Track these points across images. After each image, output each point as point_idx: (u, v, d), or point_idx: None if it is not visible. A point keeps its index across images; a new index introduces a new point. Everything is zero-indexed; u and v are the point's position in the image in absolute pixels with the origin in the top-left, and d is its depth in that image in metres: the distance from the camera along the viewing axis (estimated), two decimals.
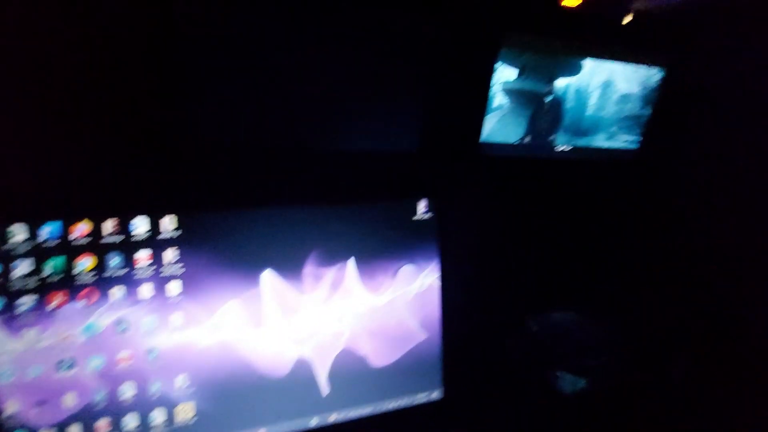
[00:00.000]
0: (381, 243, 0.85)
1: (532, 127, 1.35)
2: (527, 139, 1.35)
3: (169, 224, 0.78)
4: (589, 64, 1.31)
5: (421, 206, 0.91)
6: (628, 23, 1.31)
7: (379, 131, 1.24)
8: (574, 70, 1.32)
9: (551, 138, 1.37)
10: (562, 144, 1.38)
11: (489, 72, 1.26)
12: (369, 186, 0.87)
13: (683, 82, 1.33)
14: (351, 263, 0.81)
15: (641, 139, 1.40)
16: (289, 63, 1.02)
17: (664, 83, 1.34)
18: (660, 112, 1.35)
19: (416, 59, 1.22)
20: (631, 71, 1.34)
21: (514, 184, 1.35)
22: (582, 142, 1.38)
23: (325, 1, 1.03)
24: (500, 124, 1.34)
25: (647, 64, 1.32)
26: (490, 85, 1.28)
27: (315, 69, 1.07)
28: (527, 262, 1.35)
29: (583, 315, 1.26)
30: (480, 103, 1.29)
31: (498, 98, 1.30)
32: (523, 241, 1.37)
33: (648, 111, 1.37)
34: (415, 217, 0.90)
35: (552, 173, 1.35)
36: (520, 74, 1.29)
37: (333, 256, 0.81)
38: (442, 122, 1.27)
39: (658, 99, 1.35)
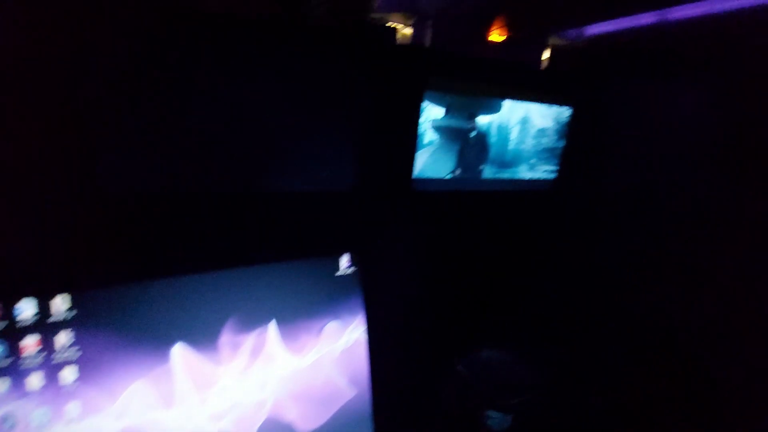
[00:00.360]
0: (303, 302, 0.82)
1: (462, 161, 1.41)
2: (458, 172, 1.41)
3: (60, 305, 0.70)
4: (507, 103, 1.41)
5: (344, 261, 0.90)
6: (538, 70, 1.43)
7: (312, 172, 1.23)
8: (495, 108, 1.41)
9: (479, 170, 1.45)
10: (489, 176, 1.46)
11: (417, 112, 1.31)
12: (288, 244, 0.85)
13: (589, 117, 1.48)
14: (272, 326, 0.78)
15: (558, 168, 1.52)
16: (213, 103, 0.99)
17: (573, 119, 1.47)
18: (572, 144, 1.49)
19: (347, 101, 1.24)
20: (545, 108, 1.46)
21: (439, 224, 1.39)
22: (507, 173, 1.47)
23: (252, 44, 1.01)
24: (432, 159, 1.38)
25: (557, 103, 1.45)
26: (419, 123, 1.32)
27: (245, 110, 1.05)
28: (454, 303, 1.40)
29: (510, 352, 1.32)
30: (410, 141, 1.33)
31: (428, 135, 1.35)
32: (449, 283, 1.42)
33: (562, 143, 1.50)
34: (338, 273, 0.88)
35: (479, 209, 1.42)
36: (446, 112, 1.36)
37: (252, 321, 0.77)
38: (374, 161, 1.29)
39: (570, 133, 1.48)
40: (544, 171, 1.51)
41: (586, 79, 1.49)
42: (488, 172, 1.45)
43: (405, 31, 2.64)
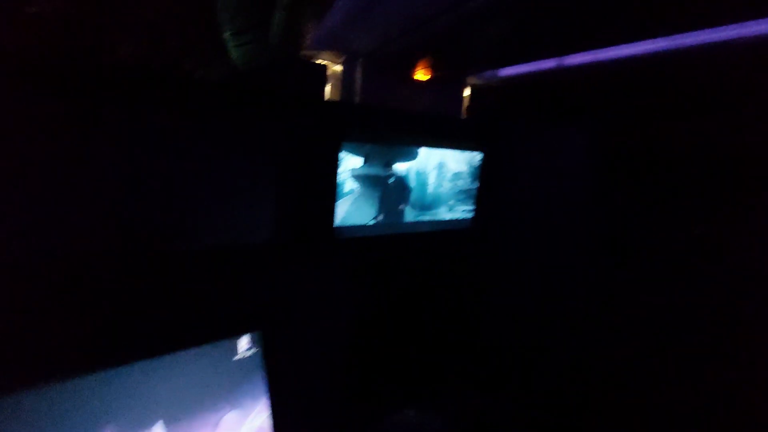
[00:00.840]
0: (196, 395, 0.74)
1: (383, 207, 1.46)
2: (380, 218, 1.46)
3: None
4: (423, 150, 1.49)
5: (243, 343, 0.85)
6: (450, 119, 1.54)
7: (226, 226, 1.20)
8: (412, 155, 1.49)
9: (401, 215, 1.50)
10: (411, 219, 1.52)
11: (335, 162, 1.34)
12: (179, 329, 0.78)
13: (498, 161, 1.61)
14: (158, 429, 0.73)
15: (475, 208, 1.63)
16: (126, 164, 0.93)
17: (484, 162, 1.59)
18: (485, 186, 1.60)
19: (264, 154, 1.23)
20: (459, 154, 1.56)
21: (359, 278, 1.39)
22: (427, 215, 1.55)
23: (156, 97, 0.98)
24: (354, 207, 1.42)
25: (469, 149, 1.57)
26: (338, 173, 1.35)
27: (149, 164, 1.00)
28: (373, 364, 1.40)
29: (427, 411, 1.30)
30: (330, 191, 1.35)
31: (348, 184, 1.38)
32: (367, 343, 1.42)
33: (476, 185, 1.61)
34: (237, 357, 0.81)
35: (402, 253, 1.47)
36: (365, 161, 1.40)
37: (135, 424, 0.71)
38: (295, 212, 1.29)
39: (482, 175, 1.60)
40: (462, 211, 1.61)
41: (493, 126, 1.63)
42: (410, 215, 1.51)
43: (335, 68, 2.71)
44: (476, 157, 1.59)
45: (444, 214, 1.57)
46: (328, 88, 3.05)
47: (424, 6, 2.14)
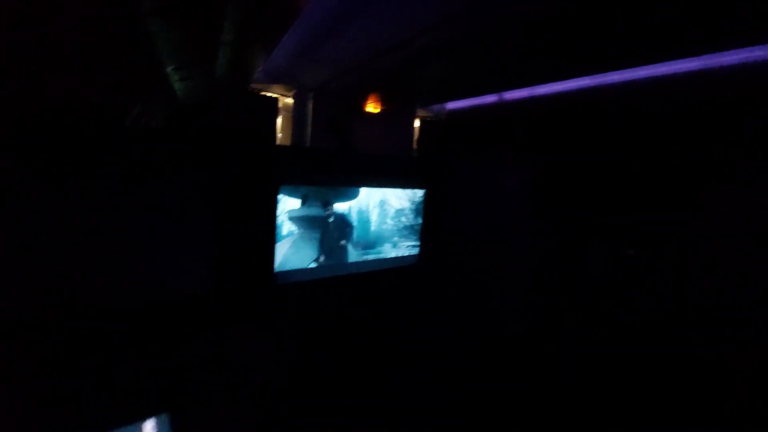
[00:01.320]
0: None
1: (324, 248, 1.43)
2: (321, 259, 1.43)
3: None
4: (364, 189, 1.49)
5: (148, 429, 0.75)
6: (390, 159, 1.56)
7: (169, 277, 1.12)
8: (353, 194, 1.49)
9: (343, 255, 1.48)
10: (355, 258, 1.50)
11: (273, 205, 1.31)
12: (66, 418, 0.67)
13: (441, 196, 1.65)
14: None
15: (420, 244, 1.64)
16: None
17: (427, 199, 1.62)
18: (429, 221, 1.63)
19: (200, 202, 1.18)
20: (400, 191, 1.58)
21: (302, 335, 1.34)
22: (372, 254, 1.53)
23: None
24: (293, 249, 1.38)
25: (411, 187, 1.59)
26: (276, 216, 1.32)
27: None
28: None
29: None
30: (268, 235, 1.31)
31: (286, 226, 1.35)
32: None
33: (420, 221, 1.63)
34: None
35: (347, 299, 1.44)
36: (303, 202, 1.38)
37: None
38: (233, 259, 1.23)
39: (426, 211, 1.62)
40: (407, 247, 1.62)
41: (435, 163, 1.67)
42: (353, 255, 1.49)
43: (287, 100, 2.71)
44: (418, 192, 1.62)
45: (389, 251, 1.57)
46: (279, 120, 3.04)
47: (369, 45, 2.22)
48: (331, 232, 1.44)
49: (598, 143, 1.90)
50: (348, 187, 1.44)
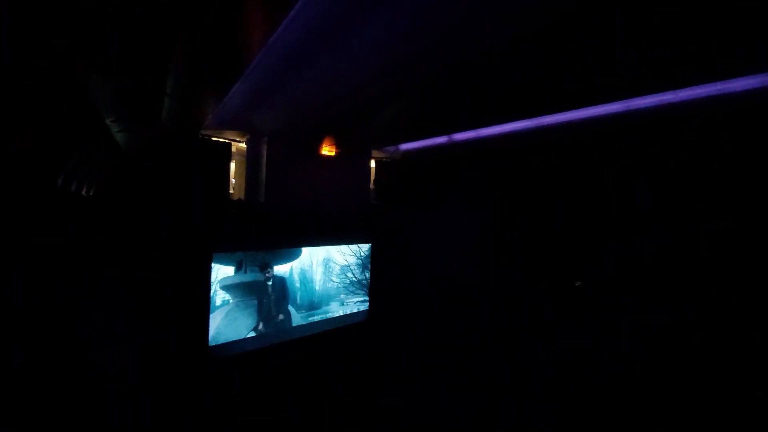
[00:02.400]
0: None
1: (263, 315, 1.36)
2: (260, 327, 1.34)
3: None
4: (306, 248, 1.44)
5: None
6: (331, 217, 1.52)
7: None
8: (294, 255, 1.43)
9: (285, 320, 1.40)
10: (299, 321, 1.43)
11: (206, 276, 1.23)
12: None
13: (388, 248, 1.62)
14: None
15: (369, 299, 1.59)
16: None
17: (374, 252, 1.58)
18: (377, 275, 1.58)
19: (124, 277, 1.10)
20: (345, 247, 1.54)
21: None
22: (318, 315, 1.47)
23: None
24: (227, 320, 1.29)
25: (356, 242, 1.56)
26: (210, 286, 1.24)
27: None
28: None
29: None
30: (201, 308, 1.22)
31: (220, 296, 1.27)
32: None
33: (367, 275, 1.59)
34: None
35: (292, 364, 1.35)
36: (237, 269, 1.31)
37: None
38: (163, 338, 1.14)
39: (373, 265, 1.58)
40: (356, 303, 1.56)
41: (379, 216, 1.64)
42: (297, 318, 1.42)
43: (240, 145, 2.67)
44: (364, 247, 1.58)
45: (336, 310, 1.51)
46: (233, 165, 2.98)
47: (319, 93, 2.23)
48: (270, 297, 1.37)
49: (537, 181, 1.95)
50: (290, 247, 1.39)
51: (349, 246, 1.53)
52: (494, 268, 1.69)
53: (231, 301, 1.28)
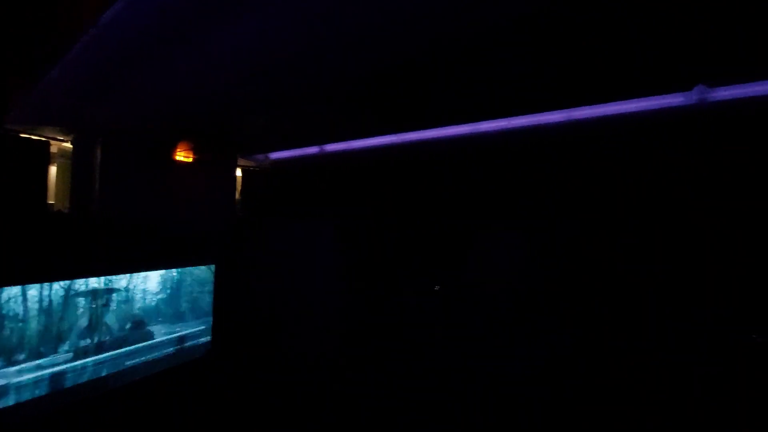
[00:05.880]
0: None
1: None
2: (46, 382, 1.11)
3: None
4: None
5: None
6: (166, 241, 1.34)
7: None
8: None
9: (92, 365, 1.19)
10: (112, 369, 1.22)
11: None
12: None
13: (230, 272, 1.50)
14: None
15: (213, 323, 1.47)
16: None
17: (217, 275, 1.47)
18: (222, 299, 1.47)
19: None
20: (166, 272, 1.38)
21: None
22: (141, 353, 1.28)
23: None
24: None
25: (195, 265, 1.42)
26: None
27: None
28: None
29: None
30: None
31: None
32: None
33: (210, 298, 1.46)
34: None
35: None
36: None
37: None
38: None
39: (217, 290, 1.46)
40: (196, 329, 1.42)
41: (226, 235, 1.53)
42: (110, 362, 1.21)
43: (65, 145, 2.19)
44: (205, 271, 1.45)
45: (165, 348, 1.34)
46: (53, 169, 2.43)
47: (168, 91, 1.96)
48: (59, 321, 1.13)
49: (400, 195, 2.10)
50: (121, 275, 1.17)
51: (183, 270, 1.39)
52: (359, 283, 1.73)
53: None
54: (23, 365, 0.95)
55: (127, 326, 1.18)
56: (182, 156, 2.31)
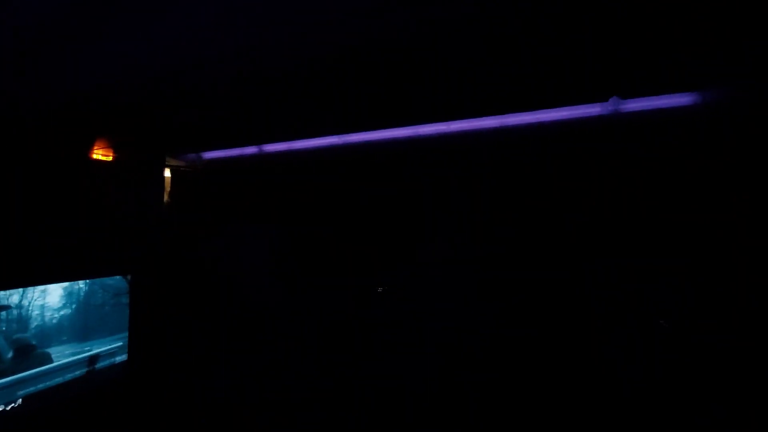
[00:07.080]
0: None
1: None
2: None
3: None
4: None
5: None
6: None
7: None
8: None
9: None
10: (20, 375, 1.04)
11: None
12: None
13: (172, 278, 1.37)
14: None
15: (126, 344, 1.32)
16: None
17: (132, 286, 1.32)
18: (139, 312, 1.32)
19: None
20: (99, 281, 1.23)
21: None
22: (44, 380, 1.11)
23: None
24: None
25: (113, 275, 1.26)
26: None
27: None
28: None
29: None
30: None
31: None
32: None
33: (126, 311, 1.31)
34: None
35: None
36: None
37: None
38: None
39: (134, 302, 1.31)
40: (115, 346, 1.26)
41: (143, 243, 1.38)
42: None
43: None
44: (121, 281, 1.30)
45: (72, 371, 1.17)
46: None
47: (91, 75, 1.73)
48: None
49: (345, 196, 2.06)
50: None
51: (105, 279, 1.23)
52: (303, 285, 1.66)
53: None
54: None
55: (9, 354, 1.00)
56: (100, 154, 2.07)
